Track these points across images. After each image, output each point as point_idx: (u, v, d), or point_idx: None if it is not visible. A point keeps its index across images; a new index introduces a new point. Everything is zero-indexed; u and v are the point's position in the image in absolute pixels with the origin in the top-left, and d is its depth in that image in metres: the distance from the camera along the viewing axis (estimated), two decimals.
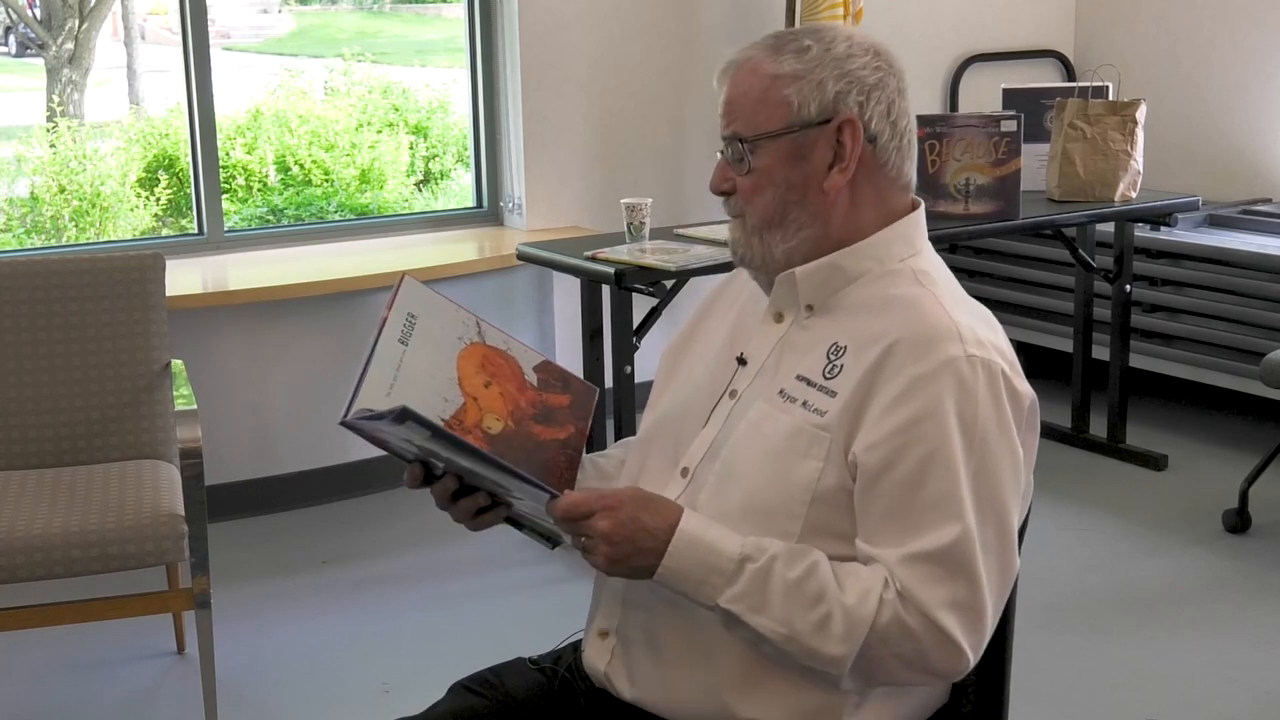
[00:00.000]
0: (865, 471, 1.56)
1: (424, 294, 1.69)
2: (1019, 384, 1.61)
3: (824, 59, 1.64)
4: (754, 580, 1.56)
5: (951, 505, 1.53)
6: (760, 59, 1.66)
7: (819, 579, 1.55)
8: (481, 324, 1.74)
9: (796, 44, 1.65)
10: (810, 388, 1.62)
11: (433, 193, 6.35)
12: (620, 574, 1.62)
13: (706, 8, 4.81)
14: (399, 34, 7.86)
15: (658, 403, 1.83)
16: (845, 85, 1.63)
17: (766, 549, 1.57)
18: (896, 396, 1.55)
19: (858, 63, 1.64)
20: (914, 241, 1.70)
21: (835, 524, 1.59)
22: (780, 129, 1.64)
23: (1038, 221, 4.11)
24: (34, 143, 5.74)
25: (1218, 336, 4.49)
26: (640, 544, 1.58)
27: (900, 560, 1.53)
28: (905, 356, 1.56)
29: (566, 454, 1.72)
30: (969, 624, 1.54)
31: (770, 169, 1.66)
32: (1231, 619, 3.42)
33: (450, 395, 1.64)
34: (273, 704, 3.11)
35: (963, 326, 1.59)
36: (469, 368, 1.69)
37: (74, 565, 2.75)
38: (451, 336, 1.70)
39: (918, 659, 1.54)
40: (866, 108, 1.64)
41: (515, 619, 3.43)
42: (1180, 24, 5.23)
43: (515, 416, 1.69)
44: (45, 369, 3.18)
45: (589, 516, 1.59)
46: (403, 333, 1.64)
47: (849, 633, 1.53)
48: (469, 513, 1.70)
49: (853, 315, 1.65)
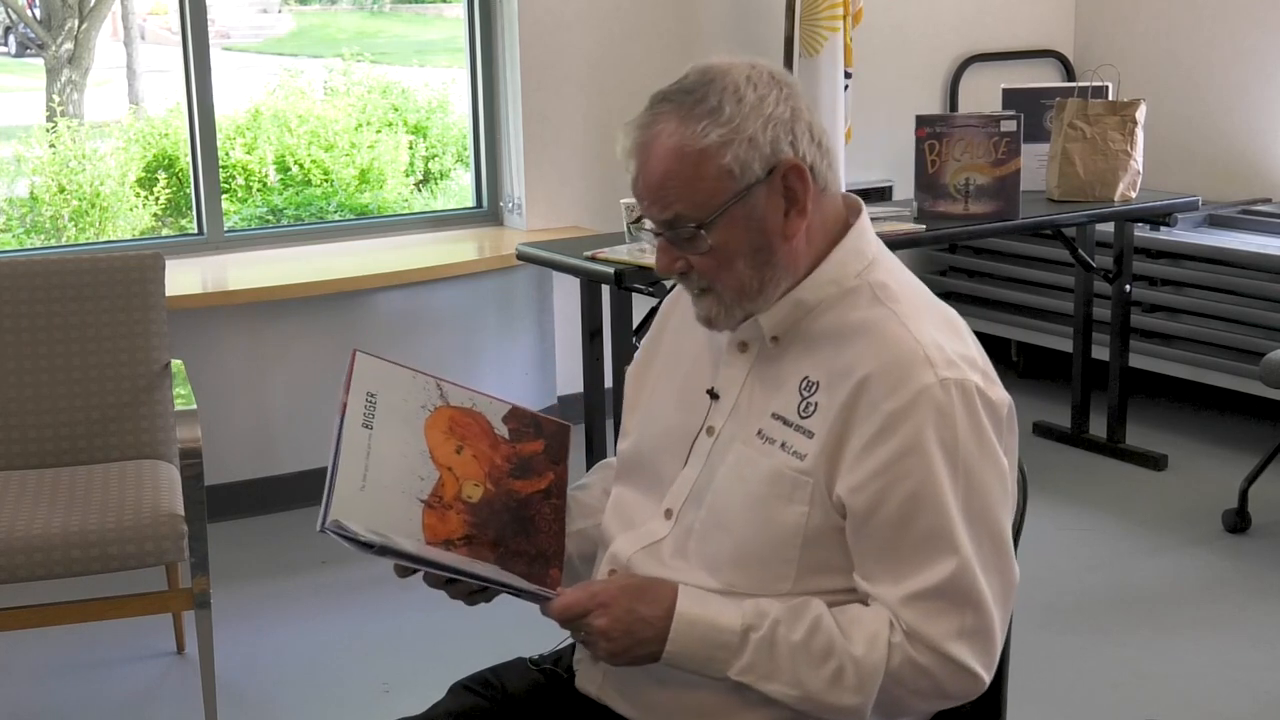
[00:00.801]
0: (853, 513, 1.55)
1: (378, 367, 1.67)
2: (993, 394, 1.59)
3: (741, 113, 1.56)
4: (760, 649, 1.55)
5: (944, 538, 1.52)
6: (674, 132, 1.57)
7: (825, 634, 1.54)
8: (443, 385, 1.71)
9: (704, 106, 1.56)
10: (787, 427, 1.60)
11: (432, 192, 6.35)
12: (625, 664, 1.60)
13: (706, 8, 4.81)
14: (399, 34, 7.86)
15: (630, 426, 1.81)
16: (773, 131, 1.56)
17: (767, 613, 1.56)
18: (874, 434, 1.53)
19: (770, 102, 1.57)
20: (865, 252, 1.65)
21: (830, 560, 1.58)
22: (730, 200, 1.57)
23: (1037, 221, 4.11)
24: (34, 143, 5.74)
25: (1217, 336, 4.49)
26: (640, 635, 1.57)
27: (901, 601, 1.53)
28: (878, 391, 1.54)
29: (550, 504, 1.71)
30: (980, 648, 1.54)
31: (731, 242, 1.59)
32: (1231, 619, 3.42)
33: (424, 471, 1.63)
34: (273, 704, 3.11)
35: (930, 348, 1.55)
36: (437, 435, 1.67)
37: (74, 565, 2.74)
38: (415, 406, 1.67)
39: (934, 691, 1.55)
40: (798, 143, 1.58)
41: (515, 619, 3.40)
42: (1180, 24, 5.23)
43: (493, 477, 1.68)
44: (45, 369, 3.18)
45: (585, 616, 1.58)
46: (365, 415, 1.62)
47: (862, 683, 1.53)
48: (463, 594, 1.69)
49: (819, 345, 1.62)
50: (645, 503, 1.72)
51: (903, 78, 5.22)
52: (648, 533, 1.69)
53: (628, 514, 1.74)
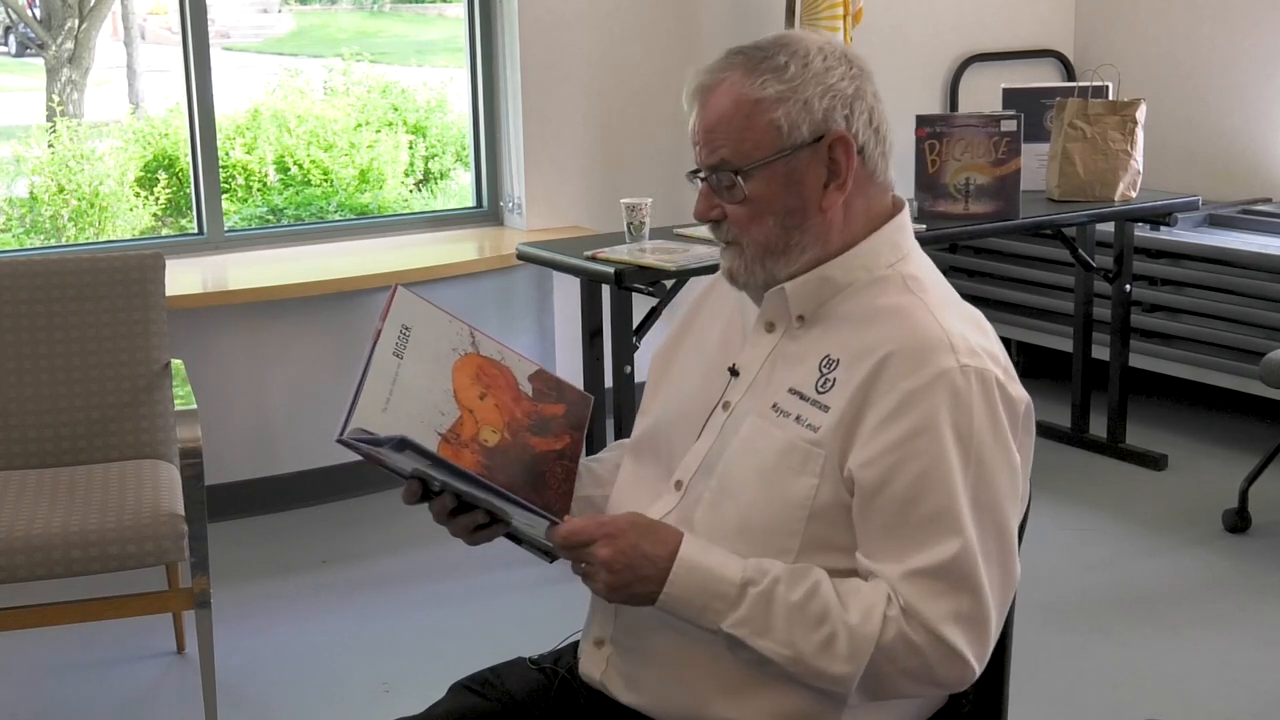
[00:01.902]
0: (862, 488, 1.55)
1: (418, 305, 1.69)
2: (1013, 389, 1.60)
3: (804, 76, 1.59)
4: (757, 604, 1.55)
5: (950, 519, 1.53)
6: (737, 81, 1.61)
7: (822, 599, 1.54)
8: (476, 334, 1.74)
9: (772, 62, 1.60)
10: (803, 402, 1.61)
11: (432, 192, 6.35)
12: (621, 601, 1.61)
13: (706, 8, 4.81)
14: (399, 34, 7.87)
15: (650, 407, 1.83)
16: (830, 101, 1.60)
17: (768, 571, 1.56)
18: (891, 411, 1.54)
19: (836, 75, 1.61)
20: (900, 245, 1.68)
21: (834, 538, 1.59)
22: (772, 154, 1.60)
23: (1038, 221, 4.11)
24: (33, 142, 5.74)
25: (1218, 336, 4.49)
26: (641, 571, 1.57)
27: (902, 576, 1.53)
28: (898, 370, 1.55)
29: (563, 465, 1.72)
30: (974, 636, 1.54)
31: (766, 196, 1.62)
32: (1232, 619, 3.42)
33: (446, 408, 1.64)
34: (273, 704, 3.11)
35: (954, 336, 1.57)
36: (464, 379, 1.69)
37: (74, 565, 2.74)
38: (446, 348, 1.70)
39: (924, 673, 1.54)
40: (852, 120, 1.61)
41: (515, 619, 3.43)
42: (1180, 24, 5.23)
43: (511, 428, 1.69)
44: (45, 369, 3.18)
45: (589, 544, 1.58)
46: (397, 345, 1.64)
47: (854, 652, 1.53)
48: (467, 529, 1.69)
49: (844, 326, 1.63)
50: (656, 476, 1.74)
51: (903, 77, 5.21)
52: (657, 506, 1.69)
53: (638, 488, 1.75)
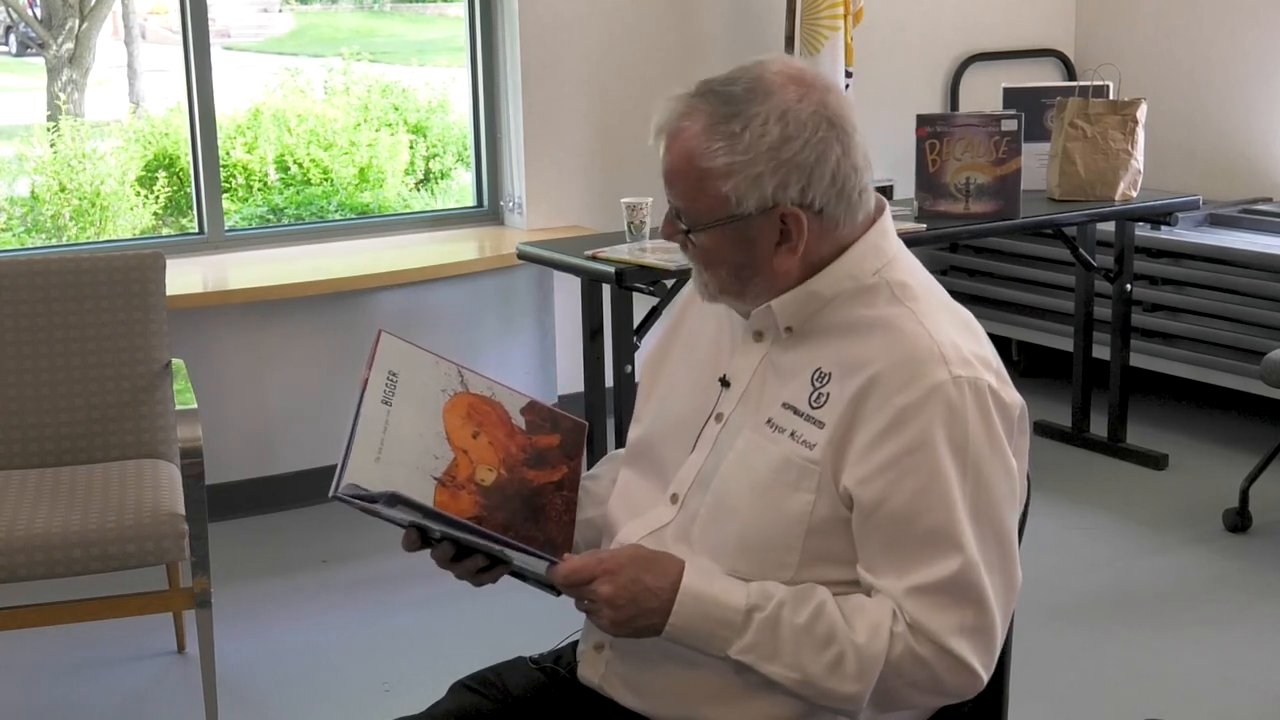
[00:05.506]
0: (860, 505, 1.55)
1: (403, 349, 1.69)
2: (1006, 395, 1.59)
3: (758, 149, 1.54)
4: (763, 629, 1.55)
5: (950, 535, 1.52)
6: (693, 138, 1.57)
7: (828, 620, 1.54)
8: (464, 372, 1.74)
9: (728, 127, 1.55)
10: (798, 417, 1.60)
11: (432, 192, 6.35)
12: (627, 635, 1.60)
13: (707, 8, 4.80)
14: (399, 33, 7.86)
15: (643, 414, 1.82)
16: (784, 176, 1.55)
17: (772, 595, 1.56)
18: (885, 428, 1.54)
19: (794, 146, 1.55)
20: (885, 250, 1.65)
21: (834, 551, 1.58)
22: (721, 220, 1.59)
23: (1038, 221, 4.11)
24: (34, 142, 5.74)
25: (1218, 336, 4.49)
26: (644, 605, 1.57)
27: (906, 592, 1.53)
28: (890, 386, 1.54)
29: (562, 496, 1.72)
30: (981, 646, 1.54)
31: (718, 250, 1.62)
32: (1232, 618, 3.42)
33: (439, 451, 1.64)
34: (273, 704, 3.10)
35: (946, 346, 1.56)
36: (455, 420, 1.68)
37: (74, 565, 2.74)
38: (435, 390, 1.69)
39: (932, 685, 1.55)
40: (809, 190, 1.57)
41: (515, 619, 3.42)
42: (1180, 24, 5.23)
43: (507, 464, 1.69)
44: (45, 369, 3.18)
45: (590, 581, 1.58)
46: (385, 393, 1.64)
47: (862, 671, 1.53)
48: (470, 572, 1.69)
49: (834, 338, 1.62)
50: (651, 489, 1.73)
51: (903, 77, 5.21)
52: (653, 518, 1.69)
53: (633, 500, 1.75)
